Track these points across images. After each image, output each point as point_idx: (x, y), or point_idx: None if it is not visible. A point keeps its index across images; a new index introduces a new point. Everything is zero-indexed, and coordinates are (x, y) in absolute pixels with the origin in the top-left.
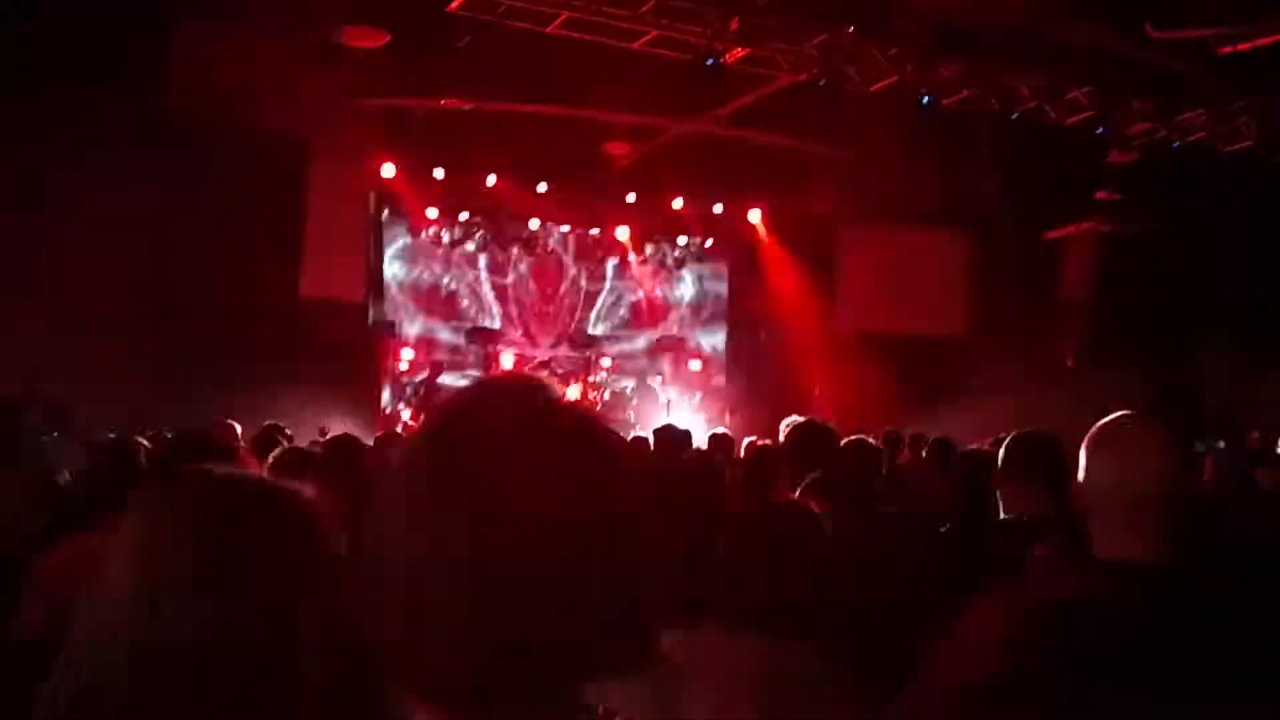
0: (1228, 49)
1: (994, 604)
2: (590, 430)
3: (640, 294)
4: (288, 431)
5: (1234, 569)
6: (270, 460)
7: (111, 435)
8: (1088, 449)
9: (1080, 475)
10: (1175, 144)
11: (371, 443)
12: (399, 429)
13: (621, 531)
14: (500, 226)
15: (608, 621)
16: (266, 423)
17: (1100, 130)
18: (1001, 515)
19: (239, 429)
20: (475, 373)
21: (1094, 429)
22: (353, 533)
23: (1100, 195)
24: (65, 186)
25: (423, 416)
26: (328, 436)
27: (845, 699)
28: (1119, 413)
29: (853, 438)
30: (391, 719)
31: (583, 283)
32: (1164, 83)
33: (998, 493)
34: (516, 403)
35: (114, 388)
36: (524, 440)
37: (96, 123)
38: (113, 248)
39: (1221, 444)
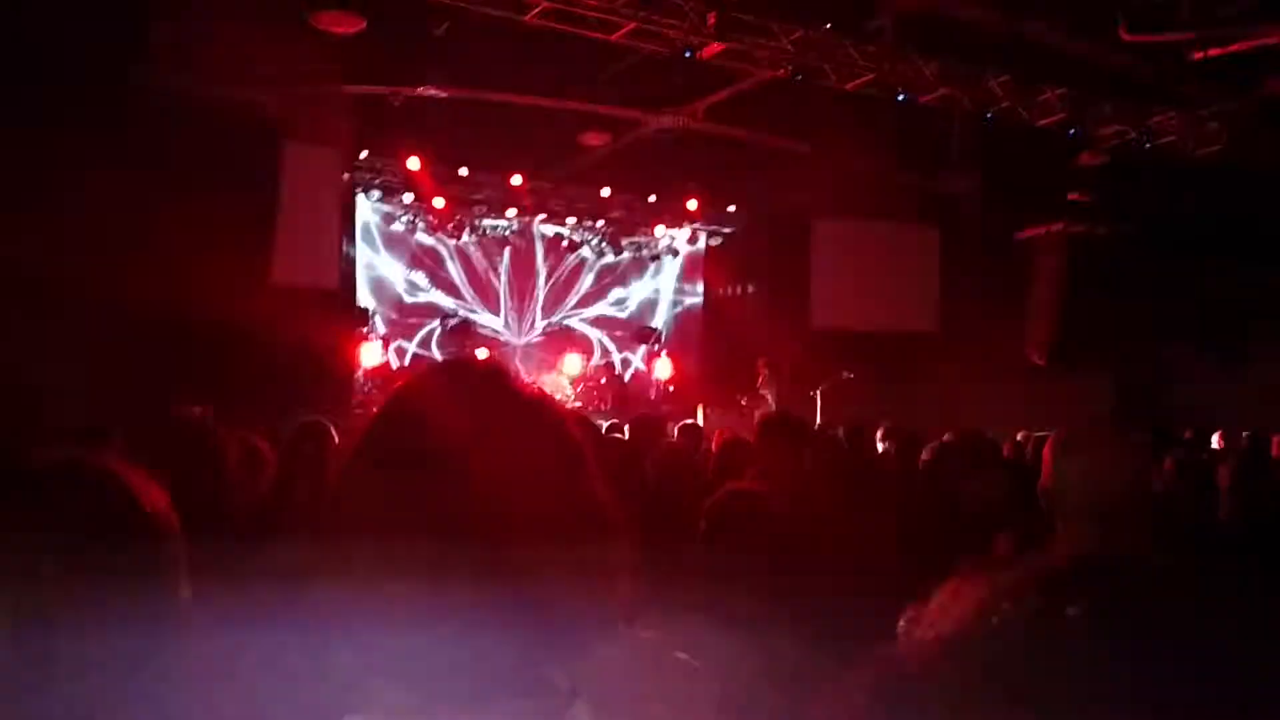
0: (1199, 54)
1: (961, 585)
2: (550, 415)
3: (614, 285)
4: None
5: (1185, 566)
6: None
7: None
8: (1055, 453)
9: (1047, 478)
10: (1146, 146)
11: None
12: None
13: (579, 516)
14: (475, 216)
15: (567, 604)
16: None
17: (1072, 132)
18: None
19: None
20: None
21: (1061, 433)
22: (317, 509)
23: (1072, 196)
24: (30, 169)
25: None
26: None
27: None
28: (1087, 417)
29: (820, 430)
30: (357, 693)
31: (557, 273)
32: (1136, 86)
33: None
34: (471, 383)
35: (79, 375)
36: (479, 420)
37: (65, 105)
38: (78, 231)
39: (1187, 442)
